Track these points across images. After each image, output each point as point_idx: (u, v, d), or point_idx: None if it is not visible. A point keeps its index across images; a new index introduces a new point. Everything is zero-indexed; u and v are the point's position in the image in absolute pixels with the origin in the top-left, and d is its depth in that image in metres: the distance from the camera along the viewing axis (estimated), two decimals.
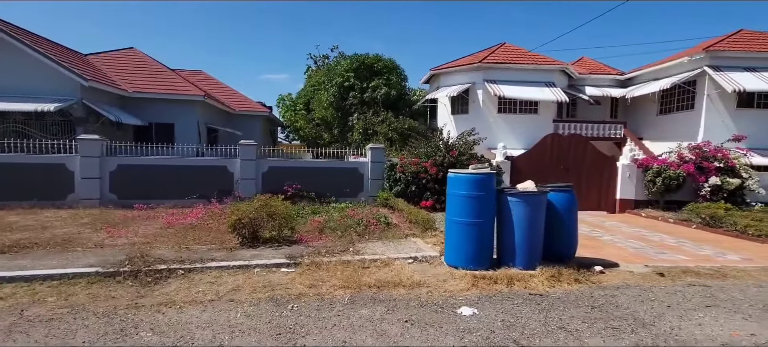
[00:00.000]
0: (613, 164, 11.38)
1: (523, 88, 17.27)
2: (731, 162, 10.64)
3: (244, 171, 10.10)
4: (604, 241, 7.37)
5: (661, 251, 6.63)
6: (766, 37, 16.72)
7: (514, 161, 11.40)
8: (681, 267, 5.70)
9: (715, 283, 5.09)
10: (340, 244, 6.29)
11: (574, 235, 5.60)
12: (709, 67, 15.09)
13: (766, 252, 6.76)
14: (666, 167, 10.67)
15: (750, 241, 7.51)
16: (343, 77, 19.85)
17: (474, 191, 4.99)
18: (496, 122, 18.02)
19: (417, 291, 4.51)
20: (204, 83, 24.01)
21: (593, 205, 11.38)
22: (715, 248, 6.95)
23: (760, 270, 5.69)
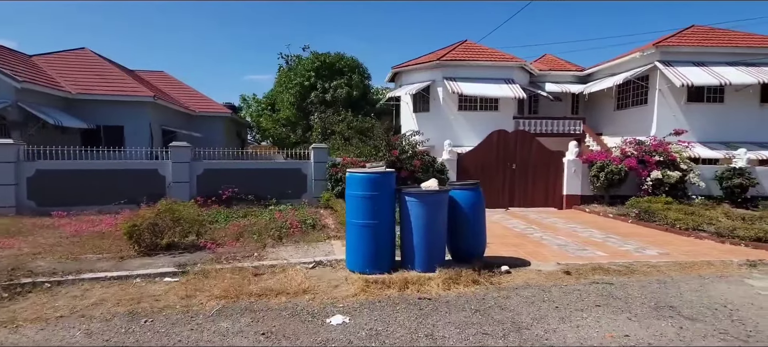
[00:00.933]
0: (558, 160, 11.35)
1: (481, 85, 17.22)
2: (672, 156, 10.72)
3: (176, 174, 9.68)
4: (533, 239, 7.24)
5: (583, 248, 6.53)
6: (716, 32, 17.08)
7: (460, 159, 11.26)
8: (594, 264, 5.58)
9: (620, 280, 4.98)
10: (248, 250, 5.98)
11: (482, 234, 5.42)
12: (659, 62, 15.28)
13: (687, 246, 6.73)
14: (609, 162, 10.68)
15: (677, 235, 7.51)
16: (303, 77, 19.48)
17: (368, 191, 4.75)
18: (457, 120, 17.94)
19: (299, 299, 4.24)
20: (164, 84, 23.34)
21: (541, 201, 11.34)
22: (638, 243, 6.90)
23: (671, 264, 5.62)
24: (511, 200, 11.30)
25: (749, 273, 5.33)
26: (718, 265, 5.61)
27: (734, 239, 6.72)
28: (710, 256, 6.06)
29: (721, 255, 6.11)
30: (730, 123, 15.52)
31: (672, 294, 4.52)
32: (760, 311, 4.06)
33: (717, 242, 6.87)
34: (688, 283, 4.90)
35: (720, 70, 14.83)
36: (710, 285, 4.86)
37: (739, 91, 15.34)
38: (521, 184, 11.29)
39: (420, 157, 10.11)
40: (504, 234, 7.62)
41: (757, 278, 5.14)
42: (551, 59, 21.95)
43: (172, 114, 19.11)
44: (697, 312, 4.00)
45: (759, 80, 14.32)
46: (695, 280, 5.02)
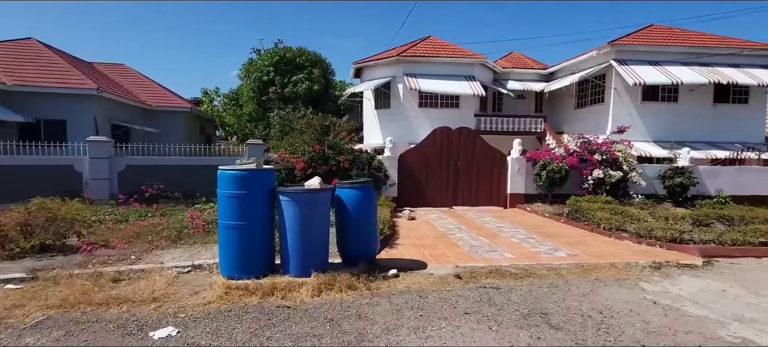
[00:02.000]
0: (502, 158, 11.15)
1: (441, 81, 16.96)
2: (614, 155, 10.61)
3: (94, 171, 9.14)
4: (451, 239, 6.97)
5: (495, 249, 6.28)
6: (674, 32, 17.16)
7: (402, 157, 10.96)
8: (494, 266, 5.33)
9: (510, 284, 4.73)
10: (132, 252, 5.56)
11: (372, 235, 5.10)
12: (615, 61, 15.24)
13: (603, 247, 6.54)
14: (550, 160, 10.52)
15: (599, 235, 7.34)
16: (262, 72, 18.94)
17: (236, 189, 4.39)
18: (418, 117, 17.66)
19: (142, 308, 3.86)
20: (122, 77, 22.55)
21: (485, 200, 11.13)
22: (556, 244, 6.69)
23: (574, 267, 5.40)
24: (455, 199, 11.06)
25: (649, 276, 5.14)
26: (622, 267, 5.41)
27: (651, 239, 6.56)
28: (620, 257, 5.87)
29: (631, 256, 5.92)
30: (684, 122, 15.59)
31: (555, 299, 4.28)
32: (634, 318, 3.83)
33: (634, 242, 6.71)
34: (580, 287, 4.68)
35: (673, 70, 14.87)
36: (602, 289, 4.64)
37: (693, 90, 15.42)
38: (465, 183, 11.06)
39: (350, 153, 9.75)
40: (425, 235, 7.34)
41: (654, 281, 4.95)
42: (517, 57, 21.84)
43: (124, 108, 18.37)
44: (567, 320, 3.76)
45: (710, 80, 14.39)
46: (589, 284, 4.80)
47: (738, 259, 5.95)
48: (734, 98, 15.96)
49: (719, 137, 15.56)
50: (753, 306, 4.19)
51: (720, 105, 15.87)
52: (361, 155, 10.00)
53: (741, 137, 15.61)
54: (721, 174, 11.72)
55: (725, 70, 15.11)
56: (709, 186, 11.56)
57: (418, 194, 10.90)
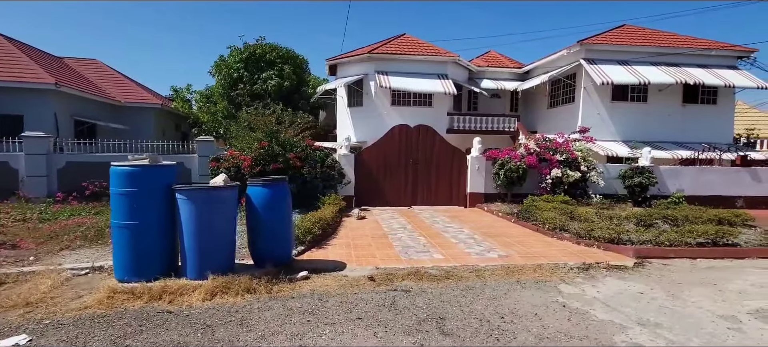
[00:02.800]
0: (463, 156, 10.99)
1: (412, 79, 16.77)
2: (573, 154, 10.50)
3: (31, 168, 8.78)
4: (390, 240, 6.75)
5: (427, 250, 6.08)
6: (645, 32, 17.14)
7: (360, 155, 10.73)
8: (416, 268, 5.13)
9: (423, 287, 4.53)
10: (34, 252, 5.26)
11: (285, 235, 4.87)
12: (584, 60, 15.17)
13: (540, 247, 6.38)
14: (509, 159, 10.37)
15: (543, 235, 7.20)
16: (232, 68, 18.58)
17: (126, 186, 4.13)
18: (390, 115, 17.42)
19: (9, 313, 3.59)
20: (91, 72, 22.03)
21: (445, 199, 10.96)
22: (494, 244, 6.52)
23: (499, 269, 5.22)
24: (415, 198, 10.87)
25: (573, 278, 4.98)
26: (548, 269, 5.25)
27: (590, 240, 6.42)
28: (552, 258, 5.71)
29: (564, 257, 5.77)
30: (653, 123, 15.58)
31: (461, 303, 4.09)
32: (534, 323, 3.65)
33: (573, 243, 6.57)
34: (495, 290, 4.49)
35: (642, 70, 14.84)
36: (517, 291, 4.46)
37: (662, 91, 15.42)
38: (425, 182, 10.88)
39: (302, 151, 9.50)
40: (364, 235, 7.12)
41: (576, 283, 4.78)
42: (494, 56, 21.73)
43: (90, 104, 17.88)
44: (462, 326, 3.57)
45: (677, 80, 14.38)
46: (506, 286, 4.62)
47: (672, 260, 5.83)
48: (703, 98, 16.00)
49: (688, 138, 15.58)
50: (665, 310, 4.04)
51: (689, 105, 15.90)
52: (313, 153, 9.75)
53: (710, 138, 15.64)
54: (681, 174, 11.69)
55: (693, 70, 15.14)
56: (670, 186, 11.52)
57: (376, 193, 10.69)
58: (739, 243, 6.36)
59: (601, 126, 15.48)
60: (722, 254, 6.02)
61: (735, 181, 11.80)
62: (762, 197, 11.87)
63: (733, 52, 16.01)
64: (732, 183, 11.79)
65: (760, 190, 11.88)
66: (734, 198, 11.79)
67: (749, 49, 15.96)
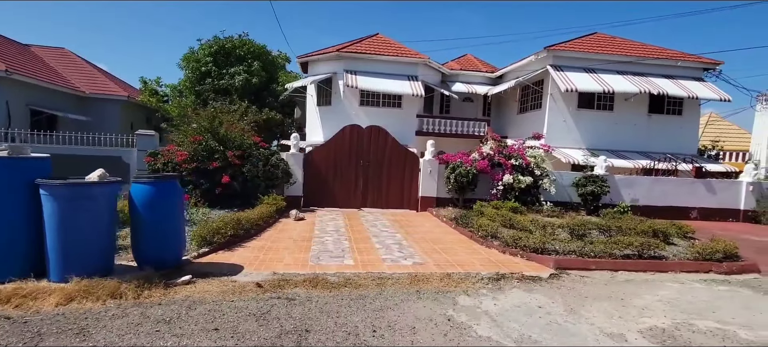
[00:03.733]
0: (416, 159, 10.79)
1: (380, 80, 16.55)
2: (526, 160, 10.36)
3: None
4: (309, 244, 6.47)
5: (342, 255, 5.83)
6: (615, 41, 17.15)
7: (309, 155, 10.47)
8: (315, 274, 4.88)
9: (310, 295, 4.28)
10: None
11: (172, 236, 4.59)
12: (551, 66, 15.10)
13: (463, 255, 6.17)
14: (460, 163, 10.20)
15: (474, 241, 7.01)
16: (200, 62, 18.17)
17: None
18: (358, 115, 17.15)
19: None
20: (58, 61, 21.44)
21: (396, 202, 10.74)
22: (416, 250, 6.30)
23: (404, 277, 4.99)
24: (365, 200, 10.64)
25: (478, 289, 4.77)
26: (458, 279, 5.04)
27: (517, 248, 6.24)
28: (469, 267, 5.52)
29: (482, 266, 5.58)
30: (619, 131, 15.57)
31: (342, 314, 3.85)
32: (405, 338, 3.43)
33: (500, 251, 6.39)
34: (389, 300, 4.27)
35: (607, 78, 14.81)
36: (410, 302, 4.24)
37: (628, 100, 15.42)
38: (376, 184, 10.65)
39: (242, 148, 9.20)
40: (286, 238, 6.86)
41: (478, 295, 4.58)
42: (469, 60, 21.63)
43: (49, 94, 17.35)
44: (325, 340, 3.32)
45: (641, 90, 14.38)
46: (402, 296, 4.40)
47: (592, 272, 5.67)
48: (669, 109, 16.04)
49: (654, 148, 15.57)
50: (553, 326, 3.85)
51: (655, 116, 15.92)
52: (257, 151, 9.46)
53: (675, 148, 15.68)
54: (636, 184, 11.64)
55: (658, 80, 15.17)
56: (624, 195, 11.46)
57: (325, 195, 10.43)
58: (666, 256, 6.23)
59: (567, 133, 15.44)
60: (645, 267, 5.88)
61: (690, 192, 11.79)
62: (716, 209, 11.88)
63: (700, 63, 16.09)
64: (687, 194, 11.77)
65: (714, 202, 11.88)
66: (689, 209, 11.77)
67: (715, 62, 16.06)
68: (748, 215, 11.83)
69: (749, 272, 6.12)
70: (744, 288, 5.37)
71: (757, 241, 8.96)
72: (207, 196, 8.81)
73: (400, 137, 16.47)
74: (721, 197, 11.92)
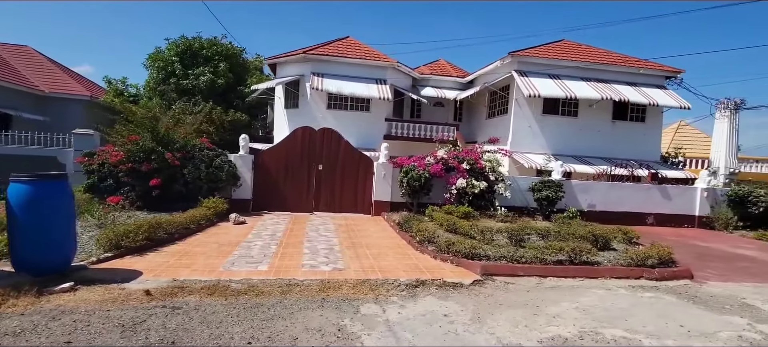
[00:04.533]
0: (370, 162, 10.58)
1: (347, 83, 16.35)
2: (480, 164, 10.25)
3: None
4: (232, 249, 6.14)
5: (259, 261, 5.53)
6: (581, 48, 17.30)
7: (259, 157, 10.17)
8: (217, 281, 4.60)
9: (200, 304, 4.00)
10: None
11: (57, 240, 4.26)
12: (516, 72, 15.13)
13: (390, 262, 5.94)
14: (413, 167, 10.03)
15: (412, 248, 6.81)
16: (164, 62, 17.72)
17: None
18: (325, 118, 16.87)
19: None
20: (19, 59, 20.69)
21: (349, 206, 10.49)
22: (346, 256, 6.07)
23: (314, 283, 4.74)
24: (317, 204, 10.37)
25: (390, 296, 4.56)
26: (372, 285, 4.82)
27: (449, 254, 6.05)
28: (391, 273, 5.30)
29: (405, 272, 5.37)
30: (584, 137, 15.65)
31: (224, 324, 3.58)
32: None
33: (432, 256, 6.20)
34: (285, 309, 4.02)
35: (570, 84, 14.90)
36: (306, 311, 3.99)
37: (592, 106, 15.53)
38: (329, 187, 10.39)
39: (186, 149, 8.87)
40: (215, 242, 6.56)
41: (387, 303, 4.36)
42: (441, 64, 21.59)
43: (2, 92, 16.65)
44: None
45: (603, 96, 14.49)
46: (302, 305, 4.15)
47: (519, 278, 5.51)
48: (632, 116, 16.22)
49: (618, 154, 15.67)
50: (449, 336, 3.65)
51: (619, 122, 16.07)
52: (201, 153, 9.13)
53: (639, 155, 15.85)
54: (592, 189, 11.64)
55: (621, 87, 15.32)
56: (581, 201, 11.44)
57: (276, 198, 10.13)
58: (600, 262, 6.12)
59: (532, 139, 15.46)
60: (576, 273, 5.76)
61: (646, 198, 11.84)
62: (672, 215, 11.95)
63: (662, 71, 16.34)
64: (643, 200, 11.82)
65: (671, 208, 11.96)
66: (645, 215, 11.81)
67: (676, 70, 16.33)
68: (703, 222, 11.94)
69: (681, 278, 6.06)
70: (669, 295, 5.27)
71: (703, 247, 8.98)
72: (145, 199, 8.43)
73: (368, 140, 16.40)
74: (676, 204, 12.01)
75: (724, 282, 6.06)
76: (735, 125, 15.13)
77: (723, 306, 4.97)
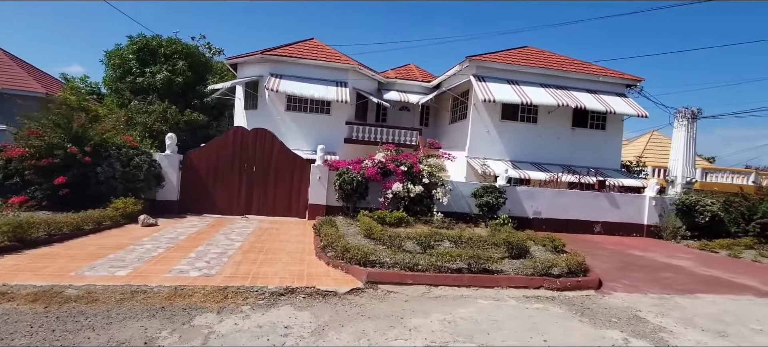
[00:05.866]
0: (306, 165, 10.24)
1: (304, 84, 16.05)
2: (417, 168, 9.97)
3: None
4: (114, 252, 5.78)
5: (124, 266, 5.10)
6: (544, 54, 17.17)
7: (187, 157, 9.78)
8: (48, 287, 4.21)
9: (10, 311, 3.63)
10: None
11: None
12: (474, 76, 14.94)
13: (279, 267, 5.60)
14: (346, 170, 9.72)
15: (313, 254, 6.47)
16: (120, 59, 17.30)
17: None
18: (284, 121, 16.61)
19: None
20: None
21: (283, 209, 10.14)
22: (233, 262, 5.70)
23: (165, 291, 4.37)
24: (249, 207, 10.00)
25: (241, 305, 4.20)
26: (232, 293, 4.46)
27: (343, 260, 5.73)
28: (264, 280, 4.94)
29: (282, 279, 5.01)
30: (543, 144, 15.46)
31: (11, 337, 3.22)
32: None
33: (326, 262, 5.89)
34: (101, 319, 3.66)
35: (527, 90, 14.74)
36: (126, 321, 3.63)
37: (551, 113, 15.38)
38: (262, 189, 10.04)
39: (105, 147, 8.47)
40: (101, 244, 6.17)
41: (235, 313, 4.01)
42: (411, 69, 21.40)
43: None
44: None
45: (559, 103, 14.33)
46: (129, 313, 3.80)
47: (407, 286, 5.19)
48: (592, 123, 16.09)
49: (578, 161, 15.49)
50: None
51: (579, 129, 15.92)
52: (119, 150, 8.73)
53: (599, 162, 15.70)
54: (538, 196, 11.42)
55: (579, 94, 15.18)
56: (526, 208, 11.21)
57: (205, 200, 9.74)
58: (502, 270, 5.82)
59: (490, 145, 15.24)
60: (471, 282, 5.46)
61: (593, 206, 11.65)
62: (621, 224, 11.77)
63: (622, 80, 16.27)
64: (590, 208, 11.62)
65: (619, 216, 11.77)
66: (593, 223, 11.62)
67: (636, 78, 16.28)
68: (651, 230, 11.77)
69: (586, 288, 5.78)
70: (560, 307, 4.98)
71: (636, 257, 8.74)
72: (53, 198, 8.00)
73: (328, 144, 16.03)
74: (625, 212, 11.83)
75: (630, 293, 5.80)
76: (692, 134, 15.06)
77: (610, 318, 4.69)
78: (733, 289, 6.53)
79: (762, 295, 6.29)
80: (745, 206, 11.56)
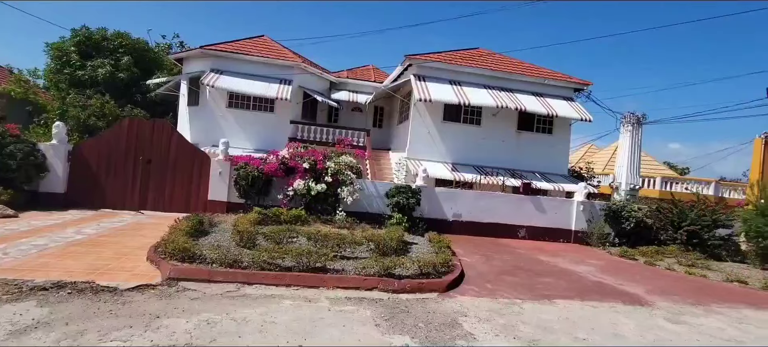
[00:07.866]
0: (206, 160, 9.80)
1: (243, 80, 15.61)
2: (320, 165, 9.53)
3: None
4: None
5: None
6: (493, 56, 16.84)
7: (77, 148, 9.33)
8: None
9: None
10: None
11: None
12: (414, 76, 14.57)
13: (84, 263, 5.14)
14: (244, 164, 9.29)
15: (144, 251, 6.01)
16: (61, 51, 16.89)
17: None
18: (225, 118, 16.18)
19: None
20: None
21: (181, 205, 9.63)
22: (49, 257, 5.25)
23: None
24: (144, 202, 9.53)
25: None
26: None
27: (165, 255, 5.27)
28: (56, 273, 4.49)
29: (68, 274, 4.56)
30: (487, 147, 15.06)
31: None
32: None
33: (150, 257, 5.42)
34: None
35: (467, 91, 14.38)
36: None
37: (495, 115, 15.01)
38: (158, 184, 9.57)
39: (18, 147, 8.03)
40: None
41: None
42: (367, 69, 21.08)
43: None
44: None
45: (498, 104, 13.96)
46: None
47: (215, 284, 4.75)
48: (539, 127, 15.73)
49: (523, 165, 15.12)
50: None
51: (525, 133, 15.55)
52: None
53: (545, 167, 15.32)
54: (459, 198, 10.98)
55: (522, 97, 14.81)
56: (446, 209, 10.77)
57: (95, 193, 9.27)
58: (337, 269, 5.37)
59: (432, 146, 14.84)
60: (292, 281, 5.01)
61: (517, 209, 11.21)
62: (547, 229, 11.33)
63: (570, 83, 15.95)
64: (514, 212, 11.18)
65: (546, 221, 11.34)
66: (517, 227, 11.18)
67: (585, 82, 15.96)
68: (579, 236, 11.34)
69: (428, 291, 5.33)
70: (371, 309, 4.53)
71: (537, 262, 8.28)
72: None
73: (272, 143, 15.56)
74: (553, 217, 11.40)
75: (478, 298, 5.36)
76: (637, 140, 14.69)
77: (417, 324, 4.24)
78: (607, 296, 6.09)
79: (632, 303, 5.86)
80: (675, 213, 11.16)
